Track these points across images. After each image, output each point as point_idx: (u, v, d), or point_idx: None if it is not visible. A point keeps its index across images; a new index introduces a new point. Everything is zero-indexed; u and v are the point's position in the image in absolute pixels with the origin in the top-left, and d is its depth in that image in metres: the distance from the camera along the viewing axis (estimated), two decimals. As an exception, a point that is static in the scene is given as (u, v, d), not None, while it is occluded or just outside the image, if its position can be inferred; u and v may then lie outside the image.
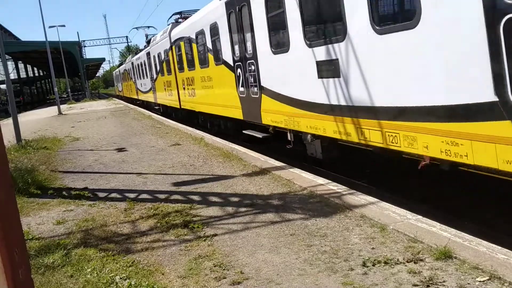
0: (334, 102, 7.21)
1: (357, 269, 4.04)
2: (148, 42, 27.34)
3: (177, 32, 17.75)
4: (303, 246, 4.68)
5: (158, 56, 22.51)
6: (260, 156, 9.57)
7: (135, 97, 37.78)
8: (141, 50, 32.92)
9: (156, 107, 27.04)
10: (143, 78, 29.90)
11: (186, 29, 16.21)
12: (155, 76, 24.73)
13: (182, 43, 16.93)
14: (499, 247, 4.14)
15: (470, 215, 5.94)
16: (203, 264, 4.53)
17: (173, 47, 18.48)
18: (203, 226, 5.63)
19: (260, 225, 5.44)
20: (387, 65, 5.91)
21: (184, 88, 17.65)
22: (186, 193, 7.32)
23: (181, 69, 17.64)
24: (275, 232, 5.16)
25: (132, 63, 35.47)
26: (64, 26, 50.92)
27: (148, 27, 40.86)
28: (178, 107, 19.49)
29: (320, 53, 7.41)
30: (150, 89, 27.43)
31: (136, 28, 40.04)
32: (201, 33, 14.12)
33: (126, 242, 5.43)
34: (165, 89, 22.11)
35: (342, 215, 5.44)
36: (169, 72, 19.94)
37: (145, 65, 27.98)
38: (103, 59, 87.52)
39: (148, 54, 26.11)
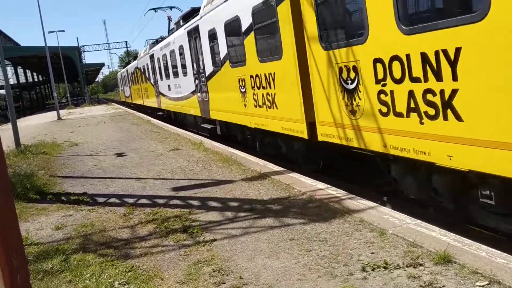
0: None
1: (357, 274, 4.03)
2: (188, 16, 16.59)
3: None
4: (302, 251, 4.67)
5: (227, 27, 11.35)
6: (259, 160, 9.57)
7: (155, 105, 26.29)
8: (166, 36, 21.84)
9: (207, 126, 15.40)
10: (175, 76, 19.04)
11: None
12: (210, 68, 13.49)
13: None
14: (499, 252, 4.14)
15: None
16: (202, 269, 4.52)
17: None
18: (202, 231, 5.62)
19: (259, 230, 5.44)
20: None
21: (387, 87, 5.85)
22: (186, 198, 7.31)
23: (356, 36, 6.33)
24: (275, 237, 5.15)
25: (152, 57, 24.54)
26: (63, 31, 51.75)
27: (171, 7, 28.56)
28: (304, 135, 8.23)
29: None
30: (193, 92, 16.14)
31: (153, 9, 30.76)
32: None
33: (125, 247, 5.42)
34: (243, 92, 10.79)
35: (341, 220, 5.44)
36: (274, 52, 8.92)
37: (181, 54, 17.07)
38: (102, 64, 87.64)
39: (193, 32, 14.92)
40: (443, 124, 5.02)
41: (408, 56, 5.33)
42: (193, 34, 14.89)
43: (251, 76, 10.29)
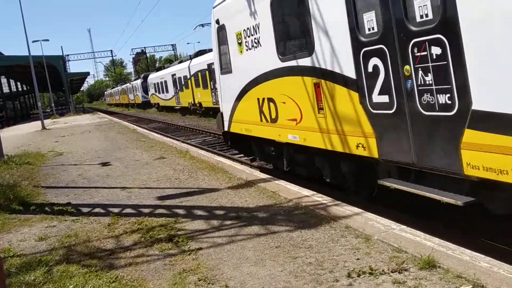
0: None
1: (342, 280, 4.03)
2: None
3: None
4: (288, 258, 4.66)
5: None
6: (246, 168, 9.57)
7: None
8: None
9: None
10: None
11: None
12: None
13: None
14: (482, 256, 4.18)
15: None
16: (187, 278, 4.48)
17: None
18: (188, 240, 5.58)
19: (245, 238, 5.42)
20: None
21: None
22: (171, 207, 7.26)
23: None
24: (260, 245, 5.13)
25: None
26: (47, 40, 50.74)
27: None
28: None
29: None
30: None
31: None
32: None
33: (109, 257, 5.35)
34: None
35: (327, 226, 5.45)
36: None
37: None
38: (87, 73, 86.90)
39: None
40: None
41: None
42: None
43: None
